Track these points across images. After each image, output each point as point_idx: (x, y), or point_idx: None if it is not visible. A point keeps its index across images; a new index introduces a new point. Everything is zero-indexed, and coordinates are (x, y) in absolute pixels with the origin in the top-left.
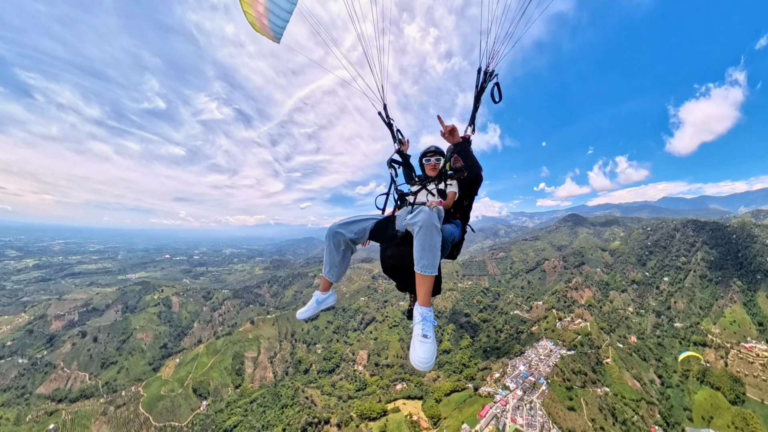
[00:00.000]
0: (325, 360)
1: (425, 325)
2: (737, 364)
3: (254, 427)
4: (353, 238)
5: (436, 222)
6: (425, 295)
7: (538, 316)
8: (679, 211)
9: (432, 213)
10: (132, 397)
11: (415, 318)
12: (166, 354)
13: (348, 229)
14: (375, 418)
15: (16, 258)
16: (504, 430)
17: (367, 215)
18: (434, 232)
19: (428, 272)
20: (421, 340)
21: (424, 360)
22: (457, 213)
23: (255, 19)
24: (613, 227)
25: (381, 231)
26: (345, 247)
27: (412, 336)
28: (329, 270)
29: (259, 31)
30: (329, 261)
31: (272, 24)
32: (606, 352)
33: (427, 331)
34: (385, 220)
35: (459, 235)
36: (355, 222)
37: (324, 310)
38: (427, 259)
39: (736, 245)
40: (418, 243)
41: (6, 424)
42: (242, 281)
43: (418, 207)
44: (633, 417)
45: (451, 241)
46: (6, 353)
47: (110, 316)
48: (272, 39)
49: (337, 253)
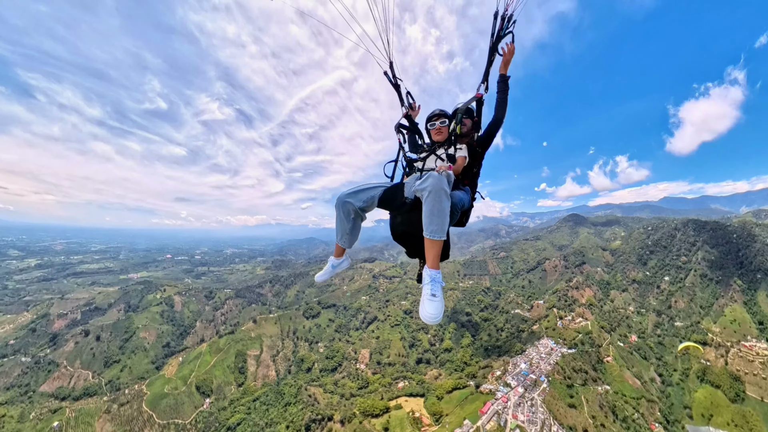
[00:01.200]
0: (328, 359)
1: (434, 285)
2: (737, 363)
3: (258, 424)
4: (362, 206)
5: (446, 187)
6: (434, 258)
7: (539, 315)
8: (680, 211)
9: (441, 178)
10: (135, 395)
11: (424, 279)
12: (168, 353)
13: (356, 198)
14: (378, 415)
15: (18, 258)
16: (505, 426)
17: (375, 183)
18: (443, 197)
19: (437, 237)
20: (429, 299)
21: (433, 315)
22: (466, 180)
23: None
24: (614, 227)
25: (390, 198)
26: (354, 216)
27: (421, 295)
28: (341, 238)
29: None
30: (341, 229)
31: None
32: (607, 350)
33: (436, 291)
34: (394, 188)
35: (468, 201)
36: (363, 190)
37: (339, 272)
38: (435, 224)
39: (736, 245)
40: (427, 208)
41: (10, 422)
42: (244, 281)
43: (427, 173)
44: (633, 414)
45: (460, 207)
46: (9, 352)
47: (113, 315)
48: None
49: (347, 221)
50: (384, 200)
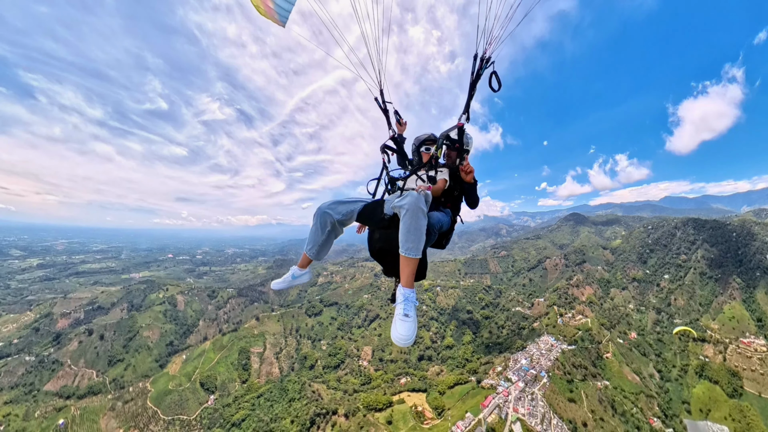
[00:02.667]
0: (330, 356)
1: (407, 305)
2: (735, 359)
3: (263, 420)
4: (340, 219)
5: (423, 206)
6: (408, 277)
7: (539, 312)
8: (681, 210)
9: (419, 197)
10: (139, 392)
11: (397, 298)
12: (172, 351)
13: (336, 210)
14: (381, 409)
15: (20, 257)
16: (506, 419)
17: (356, 197)
18: (420, 215)
19: (412, 255)
20: (402, 319)
21: (405, 336)
22: (448, 202)
23: (260, 2)
24: (615, 226)
25: (369, 214)
26: (331, 228)
27: (394, 315)
28: (311, 248)
29: (264, 15)
30: (313, 239)
31: (278, 7)
32: (606, 347)
33: (408, 311)
34: (374, 203)
35: (447, 223)
36: (344, 203)
37: (297, 285)
38: (411, 242)
39: (735, 243)
40: (404, 226)
41: (15, 420)
42: (246, 280)
43: (407, 192)
44: (632, 409)
45: (438, 228)
46: (13, 351)
47: (116, 315)
48: (278, 22)
49: (322, 232)
50: (363, 215)
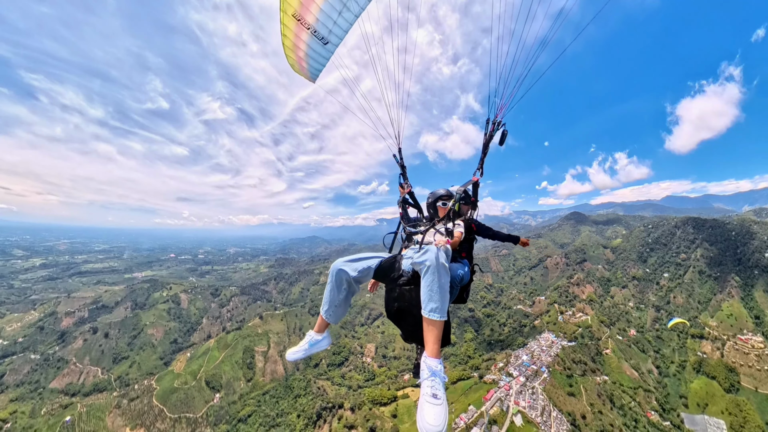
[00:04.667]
0: (335, 354)
1: (434, 382)
2: (733, 355)
3: (269, 415)
4: (356, 277)
5: (445, 261)
6: (434, 343)
7: (540, 310)
8: (682, 209)
9: (440, 251)
10: (145, 390)
11: (423, 373)
12: (176, 349)
13: (351, 267)
14: (386, 403)
15: (23, 257)
16: (507, 411)
17: (372, 254)
18: (443, 271)
19: (437, 316)
20: (429, 401)
21: (435, 426)
22: (463, 252)
23: (295, 62)
24: (615, 226)
25: (386, 270)
26: (347, 287)
27: (420, 396)
28: (327, 309)
29: (298, 72)
30: (329, 299)
31: (311, 67)
32: (606, 343)
33: (437, 390)
34: (391, 259)
35: (467, 275)
36: (359, 260)
37: (315, 353)
38: (435, 301)
39: (735, 242)
40: (426, 284)
41: (22, 417)
42: (248, 279)
43: (426, 246)
44: (630, 403)
45: (459, 281)
46: (18, 349)
47: (120, 313)
48: (309, 79)
49: (338, 291)
50: (380, 271)
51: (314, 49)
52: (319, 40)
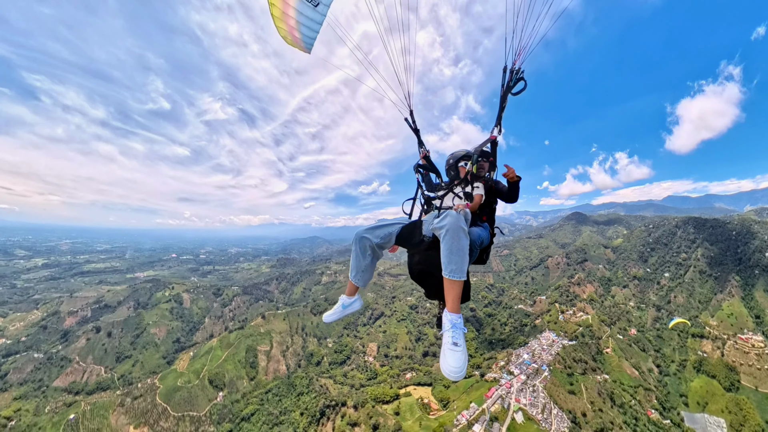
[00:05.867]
0: (336, 353)
1: (455, 332)
2: (733, 354)
3: (272, 413)
4: (379, 243)
5: (464, 225)
6: (454, 301)
7: (541, 309)
8: (683, 209)
9: (459, 216)
10: (148, 388)
11: (445, 325)
12: (179, 348)
13: (374, 234)
14: (388, 401)
15: (25, 257)
16: (509, 408)
17: (393, 220)
18: (462, 235)
19: (456, 277)
20: (451, 348)
21: (456, 369)
22: (484, 216)
23: (287, 33)
24: (616, 226)
25: (407, 236)
26: (371, 252)
27: (441, 344)
28: (355, 275)
29: (291, 44)
30: (356, 266)
31: (304, 36)
32: (606, 342)
33: (458, 339)
34: (411, 225)
35: (487, 238)
36: (381, 227)
37: (348, 314)
38: (455, 263)
39: (735, 242)
40: (446, 247)
41: (26, 415)
42: (250, 279)
43: (445, 211)
44: (631, 401)
45: (479, 244)
46: (21, 348)
47: (123, 313)
48: (303, 50)
49: (363, 257)
50: (401, 237)
51: (305, 14)
52: (308, 2)
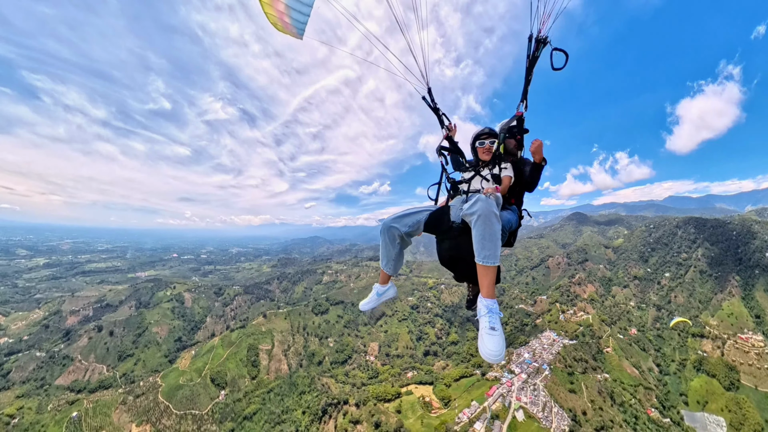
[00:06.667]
0: (338, 352)
1: (491, 317)
2: (733, 354)
3: (274, 412)
4: (408, 231)
5: (495, 210)
6: (489, 286)
7: (542, 309)
8: (684, 210)
9: (490, 201)
10: (150, 387)
11: (481, 311)
12: (180, 347)
13: (402, 223)
14: (390, 399)
15: (26, 257)
16: (509, 407)
17: (420, 207)
18: (494, 220)
19: (490, 263)
20: (489, 333)
21: (495, 352)
22: (512, 198)
23: (277, 19)
24: (617, 226)
25: (436, 222)
26: (400, 241)
27: (479, 329)
28: (386, 263)
29: (282, 30)
30: (386, 254)
31: (294, 21)
32: (606, 342)
33: (495, 324)
34: (439, 211)
35: (516, 221)
36: (408, 215)
37: (384, 301)
38: (489, 249)
39: (736, 242)
40: (478, 233)
41: (29, 413)
42: (251, 278)
43: (474, 195)
44: (631, 400)
45: (509, 228)
46: (23, 347)
47: (124, 312)
48: (295, 36)
49: (393, 246)
50: (430, 224)
51: None
52: None
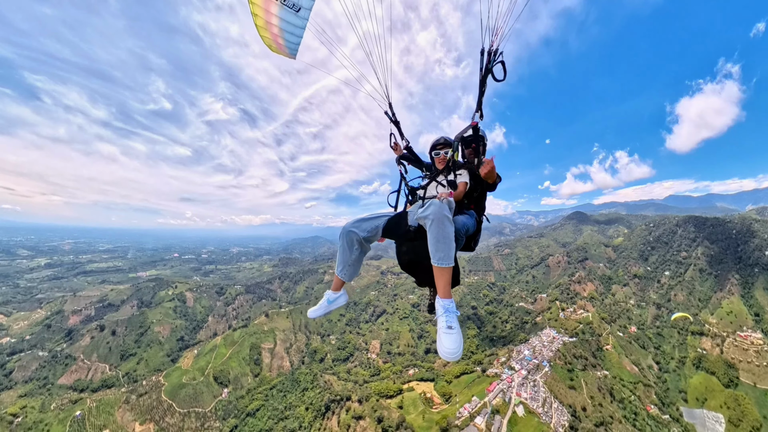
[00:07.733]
0: (340, 350)
1: (448, 316)
2: (732, 351)
3: (277, 408)
4: (366, 237)
5: (447, 213)
6: (444, 287)
7: (542, 307)
8: (685, 209)
9: (442, 205)
10: (153, 386)
11: (438, 311)
12: (183, 346)
13: (360, 228)
14: (392, 396)
15: (28, 257)
16: (510, 402)
17: (379, 213)
18: (447, 223)
19: (444, 264)
20: (446, 332)
21: (452, 350)
22: (471, 204)
23: (271, 42)
24: (617, 225)
25: (394, 227)
26: (358, 246)
27: (437, 329)
28: (342, 269)
29: (276, 51)
30: (342, 260)
31: (288, 42)
32: (606, 339)
33: (451, 322)
34: (397, 217)
35: (473, 225)
36: (367, 220)
37: (333, 309)
38: (442, 251)
39: (735, 240)
40: (432, 236)
41: (32, 412)
42: (252, 278)
43: (429, 200)
44: (630, 397)
45: (464, 232)
46: (26, 347)
47: (126, 311)
48: (288, 56)
49: (350, 251)
50: (388, 229)
51: (287, 21)
52: (290, 8)
